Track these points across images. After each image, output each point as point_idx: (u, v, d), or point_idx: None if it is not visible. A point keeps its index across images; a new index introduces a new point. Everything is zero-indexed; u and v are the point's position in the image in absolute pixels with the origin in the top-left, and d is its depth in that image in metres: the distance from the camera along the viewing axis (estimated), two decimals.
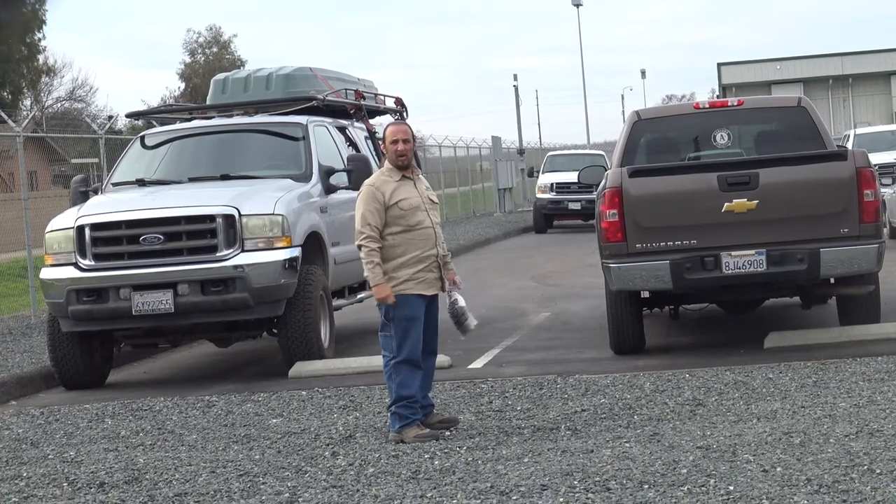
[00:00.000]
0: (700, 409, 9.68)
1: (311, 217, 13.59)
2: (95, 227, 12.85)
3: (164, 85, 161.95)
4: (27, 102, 70.57)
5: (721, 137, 13.38)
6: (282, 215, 12.87)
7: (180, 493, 7.92)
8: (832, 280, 12.83)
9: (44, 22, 73.44)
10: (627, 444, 8.43)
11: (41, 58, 74.79)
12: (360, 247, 9.33)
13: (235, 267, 12.61)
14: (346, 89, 16.41)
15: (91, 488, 8.25)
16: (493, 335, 14.87)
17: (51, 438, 10.36)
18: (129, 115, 17.22)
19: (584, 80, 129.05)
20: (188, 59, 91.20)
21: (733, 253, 12.14)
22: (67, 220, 13.12)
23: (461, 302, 9.51)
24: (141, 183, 14.24)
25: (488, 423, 9.65)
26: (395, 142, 9.47)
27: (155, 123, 16.66)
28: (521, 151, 54.74)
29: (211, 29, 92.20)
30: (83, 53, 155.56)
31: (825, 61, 66.15)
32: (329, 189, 14.21)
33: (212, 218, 12.72)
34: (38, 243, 16.66)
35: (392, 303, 9.22)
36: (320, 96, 15.46)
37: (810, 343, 12.57)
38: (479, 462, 8.23)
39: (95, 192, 14.29)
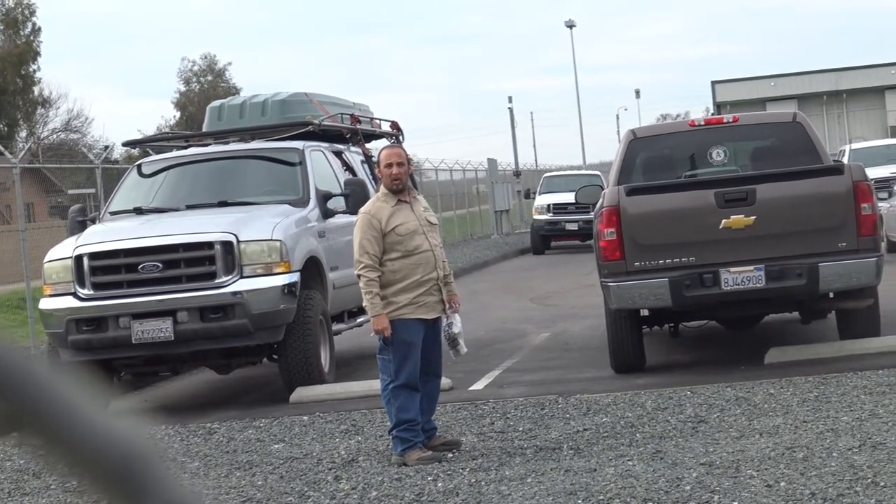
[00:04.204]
0: (702, 425, 9.67)
1: (310, 242, 13.58)
2: (94, 256, 12.83)
3: (159, 114, 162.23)
4: (23, 134, 70.62)
5: (717, 154, 13.37)
6: (280, 241, 12.86)
7: None
8: (831, 294, 12.82)
9: (38, 53, 73.67)
10: (630, 463, 8.41)
11: (36, 89, 74.94)
12: (359, 276, 9.30)
13: (234, 293, 12.59)
14: (341, 114, 16.42)
15: None
16: (493, 356, 14.85)
17: (53, 469, 10.32)
18: (125, 144, 17.28)
19: (578, 100, 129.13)
20: (183, 88, 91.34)
21: (732, 269, 12.14)
22: (66, 249, 13.09)
23: (456, 328, 9.47)
24: (139, 211, 14.23)
25: (491, 445, 9.64)
26: (389, 165, 9.44)
27: (151, 152, 16.67)
28: (517, 173, 54.75)
29: (205, 57, 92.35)
30: (78, 84, 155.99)
31: (819, 77, 66.18)
32: (327, 213, 14.20)
33: (210, 245, 12.71)
34: (35, 274, 16.65)
35: (388, 335, 9.19)
36: (316, 121, 15.48)
37: (811, 358, 12.56)
38: (483, 483, 8.21)
39: (93, 221, 14.27)
